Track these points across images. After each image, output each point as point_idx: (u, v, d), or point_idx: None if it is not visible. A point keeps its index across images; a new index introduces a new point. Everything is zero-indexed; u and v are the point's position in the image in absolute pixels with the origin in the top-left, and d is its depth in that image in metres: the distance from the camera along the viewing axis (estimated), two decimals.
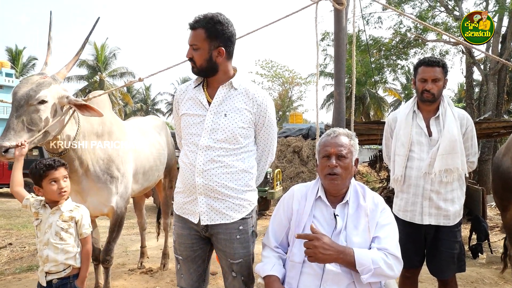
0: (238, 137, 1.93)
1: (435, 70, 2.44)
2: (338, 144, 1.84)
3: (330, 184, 1.84)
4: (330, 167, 1.81)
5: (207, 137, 1.92)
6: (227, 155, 1.92)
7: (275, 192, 8.76)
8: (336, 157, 1.82)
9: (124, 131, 3.34)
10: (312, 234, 1.69)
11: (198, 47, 1.90)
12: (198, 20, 1.89)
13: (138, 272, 4.52)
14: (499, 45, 12.85)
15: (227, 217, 1.94)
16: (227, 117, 1.93)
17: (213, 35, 1.89)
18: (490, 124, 6.63)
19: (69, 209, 2.35)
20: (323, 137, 1.93)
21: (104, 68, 30.89)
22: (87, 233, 2.38)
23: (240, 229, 1.97)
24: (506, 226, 3.72)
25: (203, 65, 1.93)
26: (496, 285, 4.33)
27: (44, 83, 2.44)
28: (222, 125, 1.92)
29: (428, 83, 2.44)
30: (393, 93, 27.80)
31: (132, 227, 7.29)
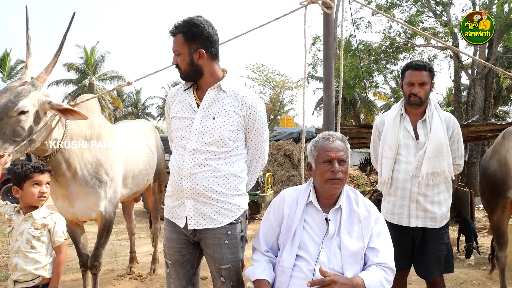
0: (226, 140, 1.91)
1: (422, 74, 2.46)
2: (338, 149, 1.83)
3: (331, 189, 1.82)
4: (334, 172, 1.79)
5: (195, 140, 1.90)
6: (215, 159, 1.90)
7: (266, 195, 8.74)
8: (337, 162, 1.81)
9: (113, 135, 3.30)
10: (328, 279, 1.65)
11: (179, 52, 1.92)
12: (176, 26, 1.90)
13: (128, 277, 4.48)
14: (486, 50, 13.06)
15: (214, 222, 1.92)
16: (215, 120, 1.91)
17: (191, 38, 1.89)
18: (478, 128, 6.71)
19: (42, 216, 2.30)
20: (318, 141, 1.88)
21: (94, 72, 30.62)
22: (60, 241, 2.31)
23: (229, 234, 1.95)
24: (493, 227, 3.77)
25: (187, 69, 1.94)
26: (484, 285, 4.38)
27: (22, 92, 2.34)
28: (210, 128, 1.90)
29: (415, 87, 2.46)
30: (382, 98, 28.03)
31: (121, 232, 7.21)
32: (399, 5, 14.53)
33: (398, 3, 14.51)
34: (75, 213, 3.02)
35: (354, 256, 1.77)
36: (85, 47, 30.16)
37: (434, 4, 14.25)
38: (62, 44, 2.58)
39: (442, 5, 14.21)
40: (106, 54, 31.18)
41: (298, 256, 1.80)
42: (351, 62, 13.97)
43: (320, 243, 1.78)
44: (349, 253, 1.76)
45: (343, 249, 1.76)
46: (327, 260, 1.75)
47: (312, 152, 1.89)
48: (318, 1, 2.48)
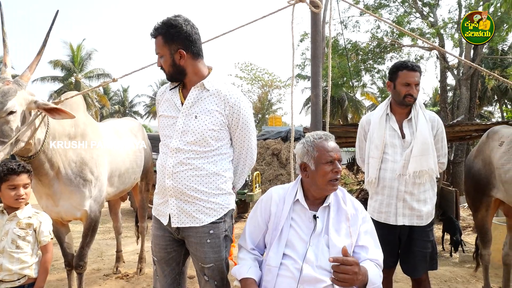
0: (208, 140, 1.90)
1: (417, 74, 2.49)
2: (337, 149, 1.85)
3: (332, 189, 1.84)
4: (337, 172, 1.81)
5: (177, 139, 1.91)
6: (197, 158, 1.90)
7: (254, 194, 8.74)
8: (338, 162, 1.83)
9: (98, 133, 3.26)
10: (352, 259, 1.64)
11: (161, 54, 1.92)
12: (156, 28, 1.90)
13: (114, 277, 4.43)
14: (472, 51, 13.27)
15: (197, 221, 1.92)
16: (198, 119, 1.90)
17: (170, 39, 1.88)
18: (463, 127, 6.80)
19: (27, 215, 2.26)
20: (316, 141, 1.85)
21: (80, 70, 30.24)
22: (46, 240, 2.28)
23: (211, 233, 1.94)
24: (478, 226, 3.83)
25: (170, 70, 1.94)
26: (469, 283, 4.45)
27: (9, 92, 2.30)
28: (192, 127, 1.90)
29: (412, 88, 2.48)
30: (369, 97, 28.26)
31: (108, 231, 7.14)
32: (387, 6, 14.67)
33: (386, 4, 14.65)
34: (59, 212, 2.97)
35: (342, 254, 1.77)
36: (71, 44, 29.80)
37: (421, 5, 14.43)
38: (46, 42, 2.54)
39: (429, 6, 14.39)
40: (93, 52, 30.84)
41: (285, 255, 1.80)
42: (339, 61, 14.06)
43: (308, 241, 1.79)
44: (337, 251, 1.76)
45: (331, 246, 1.77)
46: (315, 258, 1.75)
47: (311, 153, 1.84)
48: (306, 0, 2.48)
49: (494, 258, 4.29)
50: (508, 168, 3.23)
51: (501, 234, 4.47)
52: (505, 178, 3.25)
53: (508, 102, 23.92)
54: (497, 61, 18.58)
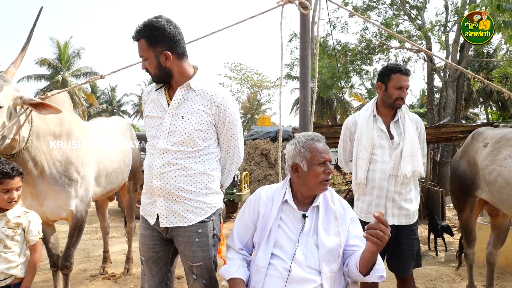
0: (195, 140, 1.91)
1: (408, 79, 2.54)
2: (328, 150, 1.87)
3: (323, 190, 1.85)
4: (329, 173, 1.83)
5: (164, 140, 1.91)
6: (184, 158, 1.90)
7: (242, 194, 8.74)
8: (329, 163, 1.85)
9: (85, 132, 3.22)
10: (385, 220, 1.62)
11: (146, 57, 1.90)
12: (138, 31, 1.86)
13: (101, 278, 4.39)
14: (458, 53, 13.47)
15: (185, 220, 1.92)
16: (184, 119, 1.90)
17: (154, 42, 1.86)
18: (449, 129, 6.91)
19: (16, 215, 2.25)
20: (308, 142, 1.85)
21: (67, 68, 29.84)
22: (34, 240, 2.28)
23: (199, 232, 1.95)
24: (462, 225, 3.90)
25: (156, 73, 1.92)
26: (454, 282, 4.52)
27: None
28: (179, 127, 1.90)
29: (403, 92, 2.53)
30: (358, 98, 28.49)
31: (95, 231, 7.06)
32: (375, 8, 14.81)
33: (374, 6, 14.79)
34: (44, 212, 2.93)
35: (331, 253, 1.79)
36: (58, 42, 29.36)
37: (409, 7, 14.59)
38: (30, 38, 2.51)
39: (416, 8, 14.56)
40: (81, 50, 30.46)
41: (273, 255, 1.80)
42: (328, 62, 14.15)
43: (296, 241, 1.79)
44: (326, 250, 1.78)
45: (321, 246, 1.78)
46: (304, 258, 1.76)
47: (303, 154, 1.84)
48: (295, 1, 2.49)
49: (479, 257, 4.37)
50: (492, 169, 3.29)
51: (485, 234, 4.55)
52: (489, 179, 3.31)
53: (493, 104, 24.36)
54: (482, 64, 18.92)
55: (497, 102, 23.34)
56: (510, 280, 4.57)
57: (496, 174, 3.23)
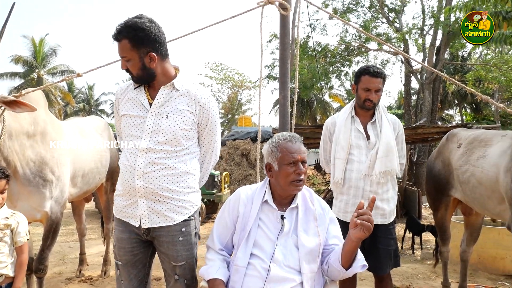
0: (180, 139, 1.90)
1: (378, 81, 2.54)
2: (301, 150, 1.85)
3: (294, 190, 1.84)
4: (299, 173, 1.81)
5: (147, 139, 1.87)
6: (168, 157, 1.88)
7: (223, 195, 8.71)
8: (301, 163, 1.83)
9: (60, 132, 3.15)
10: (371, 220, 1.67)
11: (128, 58, 1.85)
12: (119, 31, 1.81)
13: (77, 280, 4.30)
14: (434, 56, 13.81)
15: (169, 219, 1.90)
16: (169, 118, 1.89)
17: (139, 43, 1.82)
18: (425, 130, 7.06)
19: (4, 216, 2.25)
20: (281, 142, 1.87)
21: (43, 65, 29.09)
22: (22, 241, 2.29)
23: (183, 231, 1.94)
24: (437, 224, 4.00)
25: (139, 74, 1.89)
26: (429, 279, 4.63)
27: None
28: (163, 127, 1.88)
29: (371, 93, 2.54)
30: (337, 99, 28.83)
31: (71, 233, 6.91)
32: (355, 10, 15.02)
33: (353, 8, 15.00)
34: None
35: (311, 254, 1.80)
36: (33, 39, 28.59)
37: (387, 10, 14.87)
38: (2, 34, 2.44)
39: (394, 11, 14.85)
40: (57, 48, 29.73)
41: (252, 254, 1.80)
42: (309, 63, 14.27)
43: (275, 241, 1.80)
44: (306, 251, 1.79)
45: (301, 246, 1.79)
46: (283, 257, 1.77)
47: (274, 153, 1.86)
48: (275, 2, 2.50)
49: (453, 255, 4.49)
50: (465, 169, 3.38)
51: (459, 232, 4.68)
52: (463, 179, 3.40)
53: (467, 106, 25.07)
54: (457, 67, 19.45)
55: (471, 104, 24.04)
56: (483, 276, 4.72)
57: (469, 174, 3.32)
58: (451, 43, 13.30)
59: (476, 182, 3.24)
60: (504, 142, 3.11)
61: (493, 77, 13.52)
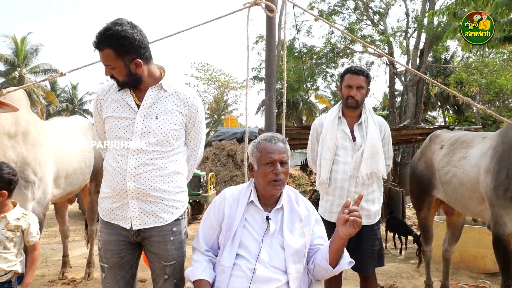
0: (170, 139, 1.91)
1: (360, 78, 2.59)
2: (281, 151, 1.86)
3: (273, 190, 1.84)
4: (276, 174, 1.82)
5: (138, 141, 1.86)
6: (159, 158, 1.88)
7: (208, 195, 8.68)
8: (279, 163, 1.84)
9: (43, 132, 3.10)
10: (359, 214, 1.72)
11: (113, 67, 1.81)
12: (100, 40, 1.75)
13: (60, 283, 4.23)
14: (418, 59, 14.03)
15: (160, 220, 1.91)
16: (159, 119, 1.88)
17: (123, 52, 1.77)
18: (409, 131, 7.18)
19: (16, 217, 2.30)
20: (261, 142, 1.89)
21: (25, 64, 28.51)
22: (34, 241, 2.37)
23: (174, 231, 1.95)
24: (420, 224, 4.06)
25: (125, 80, 1.86)
26: (413, 278, 4.70)
27: None
28: (153, 128, 1.87)
29: (353, 90, 2.59)
30: (323, 101, 29.05)
31: (53, 235, 6.80)
32: (340, 12, 15.16)
33: (339, 10, 15.14)
34: None
35: (297, 254, 1.81)
36: (14, 37, 27.97)
37: (372, 13, 15.04)
38: None
39: (379, 14, 15.04)
40: (39, 46, 29.18)
41: (238, 255, 1.81)
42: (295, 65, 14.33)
43: (261, 241, 1.81)
44: (292, 252, 1.80)
45: (286, 247, 1.80)
46: (269, 258, 1.78)
47: (254, 154, 1.90)
48: (261, 3, 2.51)
49: (435, 254, 4.57)
50: (447, 170, 3.45)
51: (441, 232, 4.77)
52: (445, 179, 3.47)
53: (450, 108, 25.57)
54: (440, 69, 19.81)
55: (453, 106, 24.54)
56: (464, 274, 4.82)
57: (451, 175, 3.39)
58: (434, 46, 13.55)
59: (457, 182, 3.31)
60: (485, 144, 3.18)
61: (474, 79, 13.82)
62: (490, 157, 2.98)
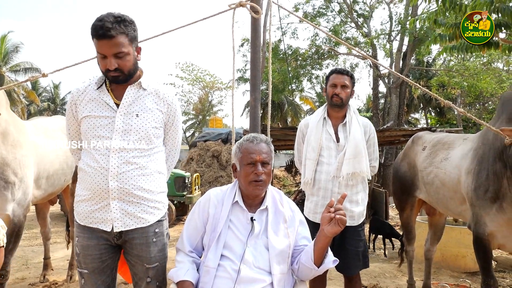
0: (151, 137, 1.90)
1: (344, 77, 2.65)
2: (262, 151, 1.86)
3: (254, 190, 1.85)
4: (257, 174, 1.82)
5: (119, 139, 1.83)
6: (141, 156, 1.87)
7: (193, 196, 8.63)
8: (261, 164, 1.84)
9: (23, 132, 3.04)
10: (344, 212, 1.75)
11: (125, 54, 1.79)
12: (113, 27, 1.72)
13: (41, 286, 4.14)
14: (401, 61, 14.25)
15: (142, 221, 1.88)
16: (139, 117, 1.87)
17: (134, 38, 1.83)
18: (392, 132, 7.29)
19: None
20: (243, 143, 1.91)
21: (5, 63, 27.86)
22: None
23: (156, 232, 1.93)
24: (403, 224, 4.12)
25: (131, 70, 1.85)
26: (396, 277, 4.76)
27: None
28: (134, 125, 1.86)
29: (337, 88, 2.63)
30: (308, 102, 29.21)
31: (34, 237, 6.65)
32: (325, 14, 15.29)
33: (323, 13, 15.26)
34: None
35: (281, 255, 1.82)
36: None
37: (356, 15, 15.21)
38: None
39: (363, 17, 15.22)
40: (20, 45, 28.53)
41: (222, 256, 1.80)
42: (280, 66, 14.38)
43: (245, 242, 1.81)
44: (276, 252, 1.80)
45: (271, 248, 1.80)
46: (253, 259, 1.78)
47: (237, 154, 1.91)
48: (246, 5, 2.51)
49: (418, 253, 4.64)
50: (429, 171, 3.51)
51: (423, 232, 4.85)
52: (427, 180, 3.53)
53: (432, 110, 26.02)
54: (423, 72, 20.16)
55: (435, 108, 24.97)
56: (446, 274, 4.90)
57: (433, 176, 3.45)
58: (417, 49, 13.78)
59: (439, 183, 3.37)
60: (465, 145, 3.25)
61: (456, 82, 14.11)
62: (471, 158, 3.04)
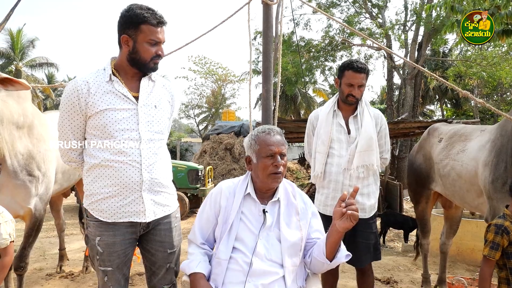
0: (165, 128, 1.99)
1: (361, 76, 2.52)
2: (280, 143, 1.85)
3: (273, 183, 1.83)
4: (277, 166, 1.81)
5: (145, 130, 1.86)
6: (161, 147, 1.96)
7: (206, 189, 8.68)
8: (279, 156, 1.83)
9: (46, 126, 3.06)
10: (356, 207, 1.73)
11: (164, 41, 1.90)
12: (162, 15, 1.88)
13: (57, 276, 4.23)
14: (416, 52, 13.99)
15: (168, 208, 1.98)
16: (157, 108, 1.93)
17: None
18: (407, 124, 7.18)
19: None
20: (259, 135, 1.87)
21: (21, 58, 28.31)
22: (5, 243, 2.09)
23: (177, 217, 2.05)
24: (418, 217, 4.07)
25: None
26: (410, 271, 4.72)
27: None
28: (155, 116, 1.91)
29: (354, 89, 2.53)
30: (321, 94, 28.98)
31: (51, 229, 6.79)
32: (339, 5, 15.08)
33: (337, 3, 15.05)
34: None
35: (293, 247, 1.81)
36: (10, 30, 27.75)
37: (370, 6, 14.96)
38: None
39: (378, 7, 14.96)
40: (35, 40, 28.94)
41: (234, 248, 1.80)
42: (292, 58, 14.27)
43: (257, 234, 1.80)
44: (288, 245, 1.79)
45: (283, 240, 1.79)
46: (265, 251, 1.77)
47: (253, 146, 1.87)
48: None
49: (433, 247, 4.58)
50: (445, 163, 3.44)
51: (439, 225, 4.78)
52: (443, 172, 3.47)
53: (448, 102, 25.57)
54: (438, 63, 19.78)
55: (451, 99, 24.53)
56: (461, 268, 4.84)
57: (449, 168, 3.38)
58: (433, 39, 13.51)
59: (456, 175, 3.31)
60: (483, 137, 3.17)
61: (473, 72, 13.79)
62: (489, 150, 2.97)
